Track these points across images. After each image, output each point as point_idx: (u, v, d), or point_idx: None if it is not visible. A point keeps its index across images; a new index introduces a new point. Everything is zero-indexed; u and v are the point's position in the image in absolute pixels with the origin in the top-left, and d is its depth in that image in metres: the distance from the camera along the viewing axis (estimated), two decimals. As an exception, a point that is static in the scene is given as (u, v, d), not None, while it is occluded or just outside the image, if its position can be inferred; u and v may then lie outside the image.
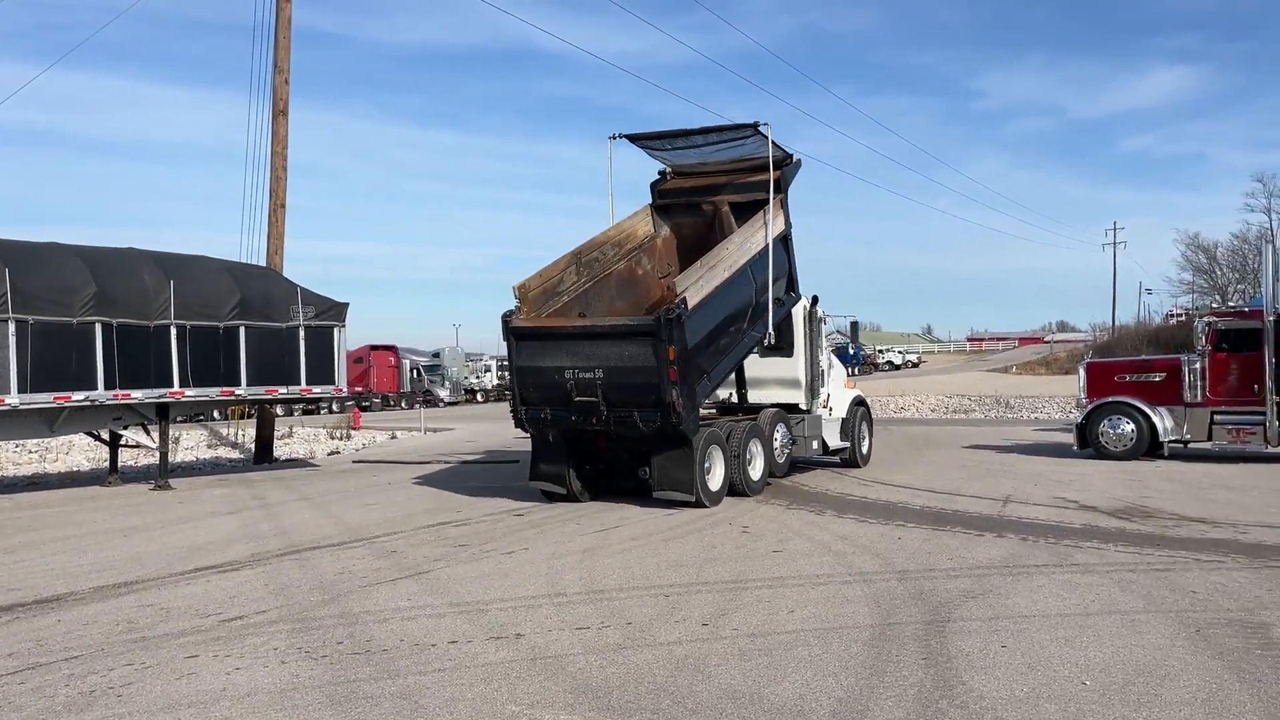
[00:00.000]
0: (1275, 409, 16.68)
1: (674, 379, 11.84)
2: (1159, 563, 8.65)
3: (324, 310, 17.89)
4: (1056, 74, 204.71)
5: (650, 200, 16.07)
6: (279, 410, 49.70)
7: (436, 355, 67.29)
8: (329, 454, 24.47)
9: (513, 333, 12.79)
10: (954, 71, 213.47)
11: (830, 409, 16.75)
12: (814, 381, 16.24)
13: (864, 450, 17.88)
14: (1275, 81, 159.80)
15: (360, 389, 60.05)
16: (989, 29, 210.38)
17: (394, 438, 30.52)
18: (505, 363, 19.21)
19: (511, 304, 12.98)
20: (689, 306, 12.14)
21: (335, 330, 18.08)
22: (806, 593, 7.72)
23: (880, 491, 14.03)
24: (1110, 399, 18.15)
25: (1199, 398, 17.43)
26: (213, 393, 16.29)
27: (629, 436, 12.54)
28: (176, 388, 15.69)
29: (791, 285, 15.73)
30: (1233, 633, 6.36)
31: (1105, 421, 18.05)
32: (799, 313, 15.98)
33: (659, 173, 16.29)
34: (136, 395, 15.26)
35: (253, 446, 23.16)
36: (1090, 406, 18.32)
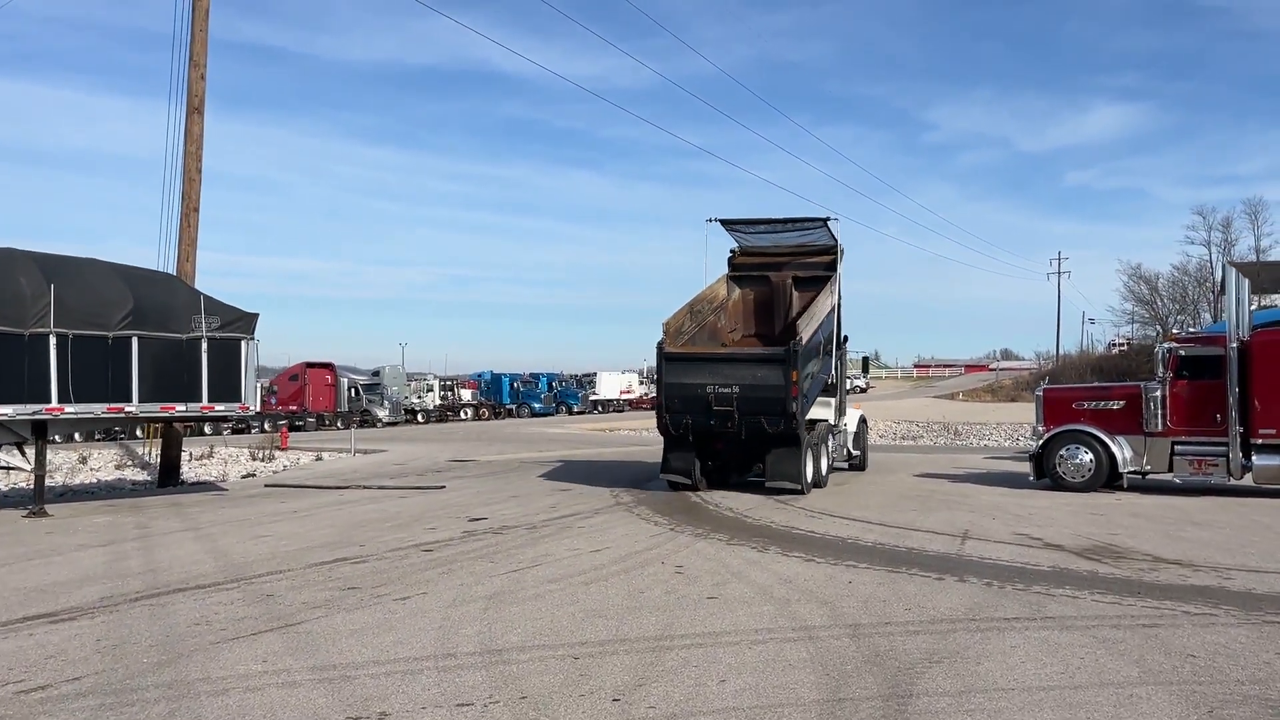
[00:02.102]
0: (1238, 440, 15.92)
1: (795, 395, 15.46)
2: (1144, 616, 7.59)
3: (230, 321, 16.38)
4: (1004, 108, 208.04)
5: (726, 271, 19.90)
6: (206, 429, 47.71)
7: (376, 374, 65.31)
8: (243, 476, 22.83)
9: (665, 357, 16.34)
10: (905, 104, 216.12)
11: (847, 424, 20.48)
12: (842, 403, 19.80)
13: (866, 457, 21.63)
14: (1212, 121, 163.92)
15: (295, 407, 58.13)
16: (940, 64, 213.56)
17: (319, 459, 28.90)
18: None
19: (658, 335, 16.66)
20: (804, 342, 15.74)
21: (243, 343, 16.57)
22: (742, 654, 6.52)
23: (829, 525, 12.91)
24: (1068, 427, 17.30)
25: (1160, 427, 16.62)
26: (98, 409, 14.71)
27: (752, 438, 15.93)
28: (55, 404, 14.10)
29: (839, 341, 19.45)
30: (1252, 713, 5.27)
31: (1063, 451, 17.17)
32: None
33: (730, 250, 20.12)
34: (7, 411, 13.67)
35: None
36: (1047, 435, 17.45)
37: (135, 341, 15.03)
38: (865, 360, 42.61)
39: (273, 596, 8.55)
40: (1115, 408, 17.24)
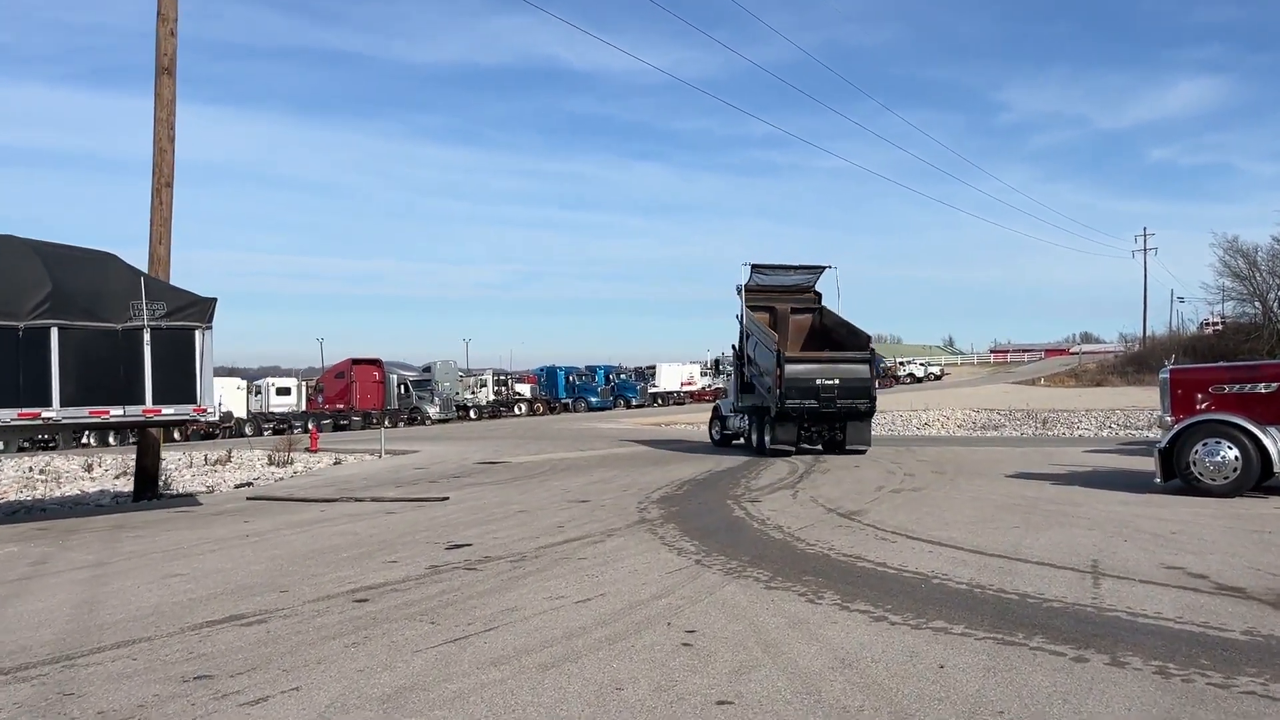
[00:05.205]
0: None
1: (874, 384, 22.60)
2: None
3: (180, 307, 13.83)
4: (1080, 86, 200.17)
5: (744, 301, 24.96)
6: (247, 429, 45.85)
7: (427, 370, 63.32)
8: (237, 486, 20.41)
9: (786, 360, 21.74)
10: (976, 85, 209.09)
11: None
12: None
13: None
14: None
15: (342, 406, 56.32)
16: (1010, 44, 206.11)
17: (338, 463, 26.47)
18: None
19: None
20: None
21: (197, 333, 14.01)
22: None
23: (906, 552, 9.77)
24: (1205, 417, 13.82)
25: (1327, 414, 13.10)
26: (6, 416, 12.26)
27: (843, 415, 22.24)
28: (-50, 410, 11.67)
29: None
30: None
31: (1199, 446, 13.70)
32: None
33: (737, 286, 25.04)
34: (-116, 420, 11.26)
35: (171, 474, 19.38)
36: (1178, 427, 13.98)
37: (55, 333, 12.57)
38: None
39: (69, 696, 5.75)
40: (1265, 391, 13.74)
